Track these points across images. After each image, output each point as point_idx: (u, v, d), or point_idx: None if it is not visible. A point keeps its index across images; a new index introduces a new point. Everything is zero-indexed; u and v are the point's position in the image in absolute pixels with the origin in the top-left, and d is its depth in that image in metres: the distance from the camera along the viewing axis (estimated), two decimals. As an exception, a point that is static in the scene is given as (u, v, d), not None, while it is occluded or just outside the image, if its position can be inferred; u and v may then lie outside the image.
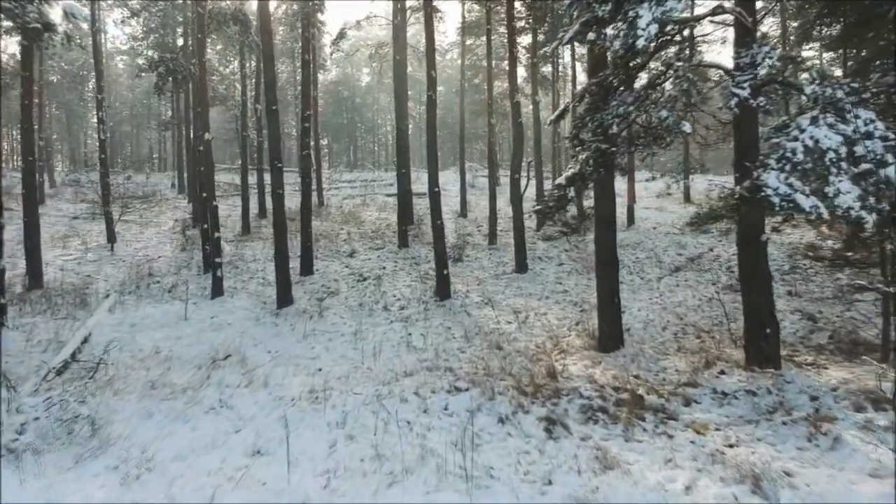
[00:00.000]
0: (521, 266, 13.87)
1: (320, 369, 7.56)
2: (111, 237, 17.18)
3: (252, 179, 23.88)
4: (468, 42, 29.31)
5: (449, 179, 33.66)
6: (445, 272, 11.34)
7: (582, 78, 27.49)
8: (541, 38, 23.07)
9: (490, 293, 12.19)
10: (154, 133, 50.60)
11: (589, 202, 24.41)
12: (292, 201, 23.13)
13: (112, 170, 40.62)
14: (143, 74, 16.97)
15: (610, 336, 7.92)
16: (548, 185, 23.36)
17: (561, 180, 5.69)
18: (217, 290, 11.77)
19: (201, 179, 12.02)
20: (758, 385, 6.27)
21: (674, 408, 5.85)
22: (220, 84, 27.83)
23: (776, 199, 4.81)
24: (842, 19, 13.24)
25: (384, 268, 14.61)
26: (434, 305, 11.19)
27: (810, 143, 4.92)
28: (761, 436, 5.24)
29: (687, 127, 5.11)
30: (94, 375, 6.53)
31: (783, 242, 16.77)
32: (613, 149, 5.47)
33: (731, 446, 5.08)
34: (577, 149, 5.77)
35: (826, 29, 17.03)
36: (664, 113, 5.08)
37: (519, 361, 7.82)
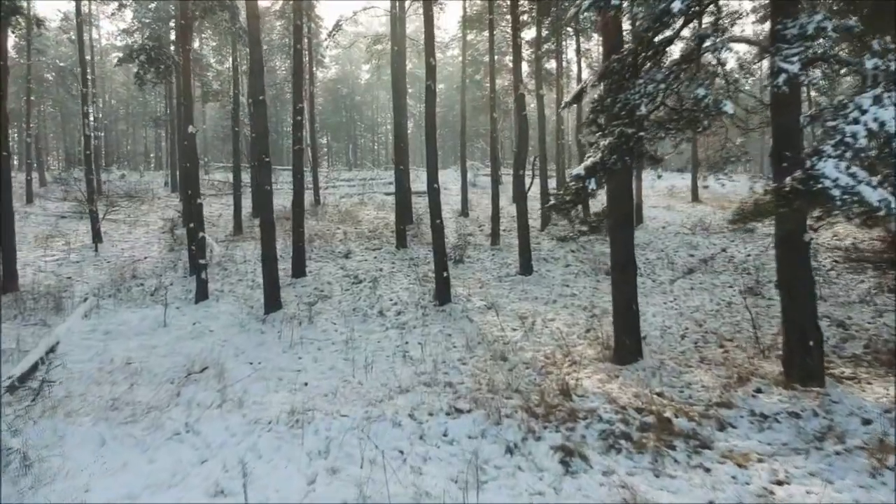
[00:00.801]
0: (526, 268, 13.10)
1: (306, 384, 6.80)
2: (96, 237, 16.44)
3: (247, 177, 23.18)
4: (469, 37, 28.54)
5: (450, 178, 32.90)
6: (445, 275, 10.58)
7: (584, 75, 26.70)
8: (545, 32, 22.31)
9: (493, 297, 11.42)
10: (151, 131, 49.92)
11: (594, 201, 23.69)
12: (286, 200, 22.34)
13: (107, 168, 39.96)
14: (123, 64, 16.19)
15: (627, 347, 7.15)
16: (553, 184, 22.57)
17: (579, 170, 4.92)
18: (201, 294, 11.02)
19: (187, 175, 11.27)
20: (801, 406, 5.49)
21: (707, 433, 5.08)
22: (215, 80, 27.11)
23: (836, 192, 4.04)
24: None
25: (381, 269, 13.85)
26: (433, 310, 10.42)
27: (874, 125, 4.15)
28: (814, 469, 4.47)
29: (729, 107, 4.34)
30: (37, 398, 5.73)
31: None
32: (641, 133, 4.72)
33: (779, 483, 4.31)
34: (598, 135, 5.00)
35: None
36: (701, 91, 4.32)
37: (527, 375, 7.06)
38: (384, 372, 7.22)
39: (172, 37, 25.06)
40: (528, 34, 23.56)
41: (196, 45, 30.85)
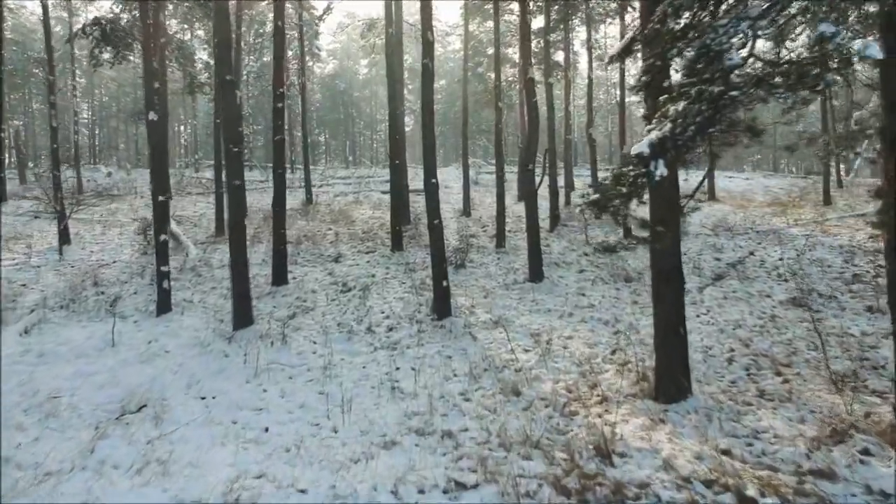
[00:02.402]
0: (536, 274, 11.61)
1: (266, 430, 5.33)
2: (63, 239, 15.00)
3: (252, 175, 21.75)
4: (471, 28, 27.08)
5: (451, 176, 31.44)
6: (445, 284, 9.10)
7: (590, 67, 25.22)
8: (553, 17, 20.84)
9: (500, 309, 9.94)
10: (144, 128, 48.52)
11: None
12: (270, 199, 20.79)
13: (95, 166, 38.49)
14: (77, 40, 14.67)
15: (673, 381, 5.67)
16: (561, 182, 21.01)
17: (641, 148, 3.40)
18: (163, 306, 9.57)
19: (151, 169, 9.80)
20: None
21: (812, 524, 3.61)
22: (205, 70, 25.62)
23: None
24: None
25: (373, 276, 12.37)
26: (430, 326, 8.94)
27: None
28: None
29: (875, 50, 2.90)
30: None
31: (832, 245, 14.48)
32: (733, 93, 3.25)
33: None
34: (664, 100, 3.52)
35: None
36: (826, 28, 2.87)
37: (547, 417, 5.58)
38: (366, 412, 5.75)
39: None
40: (535, 23, 22.06)
41: (188, 36, 29.43)
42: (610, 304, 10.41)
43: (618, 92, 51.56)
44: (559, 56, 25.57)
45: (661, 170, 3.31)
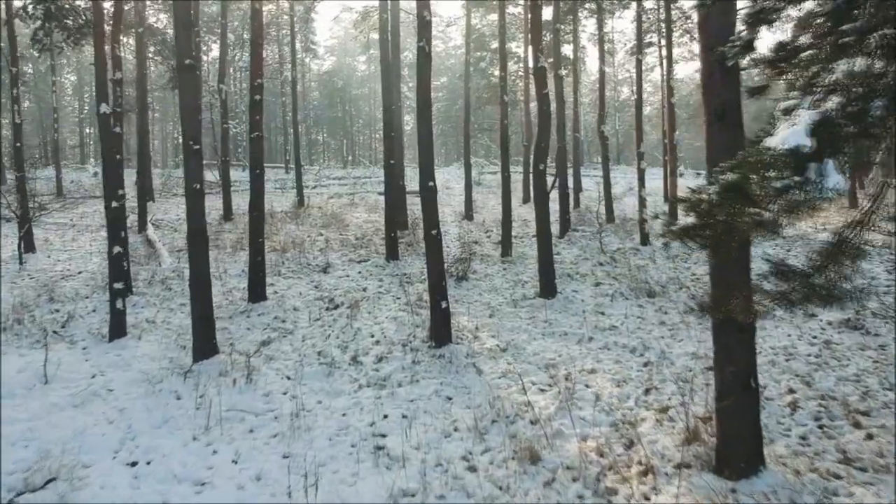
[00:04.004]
0: (548, 288, 10.26)
1: (204, 519, 4.00)
2: (28, 246, 13.70)
3: (244, 175, 20.41)
4: (473, 23, 25.74)
5: (452, 176, 30.13)
6: (444, 305, 7.77)
7: (594, 66, 23.88)
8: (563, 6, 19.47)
9: (508, 332, 8.60)
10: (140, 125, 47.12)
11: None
12: (268, 201, 19.43)
13: (82, 166, 37.19)
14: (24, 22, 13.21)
15: (742, 451, 4.32)
16: (571, 183, 19.57)
17: (795, 139, 2.08)
18: (117, 329, 8.25)
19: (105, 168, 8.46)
20: None
21: None
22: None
23: None
24: None
25: (365, 289, 11.04)
26: (427, 355, 7.60)
27: None
28: None
29: None
30: None
31: (882, 253, 13.10)
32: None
33: None
34: (808, 58, 2.22)
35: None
36: None
37: (576, 496, 4.24)
38: (340, 489, 4.41)
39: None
40: (544, 15, 20.69)
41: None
42: (634, 324, 9.06)
43: (624, 89, 50.22)
44: (566, 49, 24.23)
45: (833, 179, 1.97)
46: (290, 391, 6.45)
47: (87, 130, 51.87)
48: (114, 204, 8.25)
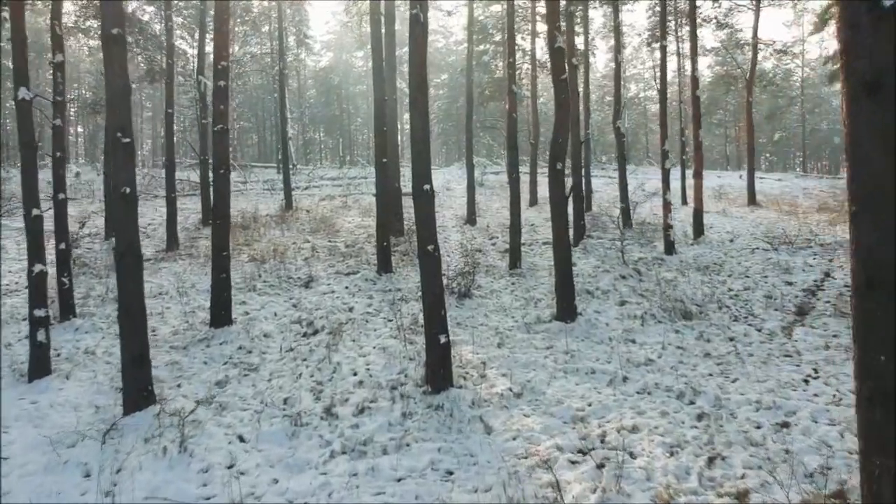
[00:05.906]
0: (567, 310, 8.65)
1: None
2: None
3: (232, 176, 18.82)
4: (476, 13, 24.12)
5: (453, 176, 28.49)
6: (443, 340, 6.16)
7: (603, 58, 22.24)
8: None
9: (521, 369, 7.00)
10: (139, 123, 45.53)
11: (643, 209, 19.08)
12: (258, 203, 17.72)
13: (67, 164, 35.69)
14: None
15: None
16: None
17: None
18: (39, 367, 6.67)
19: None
20: None
21: None
22: (170, 57, 22.68)
23: None
24: None
25: (351, 309, 9.45)
26: (422, 405, 5.99)
27: None
28: None
29: None
30: None
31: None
32: None
33: None
34: None
35: None
36: None
37: None
38: None
39: (142, 11, 20.71)
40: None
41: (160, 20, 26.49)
42: (674, 357, 7.46)
43: (632, 86, 48.60)
44: (577, 41, 22.65)
45: None
46: (238, 463, 4.85)
47: (80, 129, 50.36)
48: (34, 212, 6.66)
